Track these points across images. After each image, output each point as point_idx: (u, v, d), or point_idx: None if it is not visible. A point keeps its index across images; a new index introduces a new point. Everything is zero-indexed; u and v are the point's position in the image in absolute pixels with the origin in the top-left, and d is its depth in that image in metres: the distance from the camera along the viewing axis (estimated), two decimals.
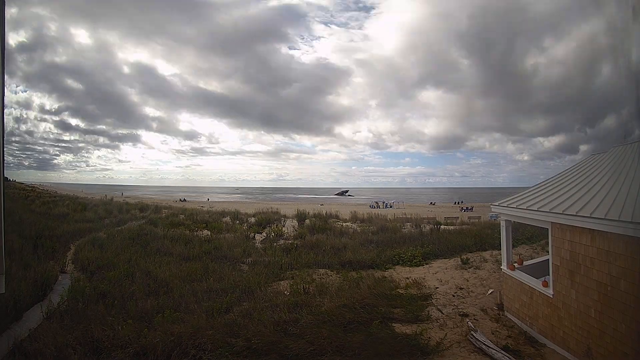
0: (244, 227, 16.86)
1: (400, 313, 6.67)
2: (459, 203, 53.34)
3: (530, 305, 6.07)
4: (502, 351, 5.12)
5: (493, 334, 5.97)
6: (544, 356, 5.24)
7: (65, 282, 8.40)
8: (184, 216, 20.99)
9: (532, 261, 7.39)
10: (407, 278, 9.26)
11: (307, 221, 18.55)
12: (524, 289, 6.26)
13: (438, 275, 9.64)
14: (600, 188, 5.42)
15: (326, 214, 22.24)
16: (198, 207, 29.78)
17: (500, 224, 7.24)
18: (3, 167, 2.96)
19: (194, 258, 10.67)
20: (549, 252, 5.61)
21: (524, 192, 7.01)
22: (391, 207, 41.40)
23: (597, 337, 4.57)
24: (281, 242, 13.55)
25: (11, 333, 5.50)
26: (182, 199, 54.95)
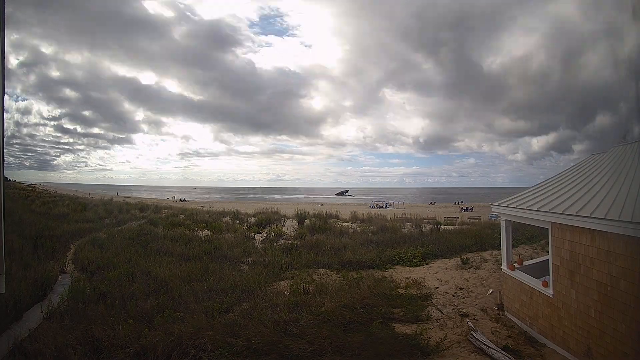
0: (244, 227, 16.87)
1: (400, 313, 6.67)
2: (458, 203, 53.36)
3: (530, 305, 6.07)
4: (502, 351, 5.12)
5: (493, 334, 5.97)
6: (544, 356, 5.24)
7: (65, 282, 8.40)
8: (184, 216, 21.00)
9: (532, 261, 7.39)
10: (407, 278, 9.27)
11: (307, 221, 18.55)
12: (524, 289, 6.27)
13: (438, 275, 9.64)
14: (600, 188, 5.42)
15: (326, 214, 22.24)
16: (198, 207, 29.79)
17: (500, 224, 7.25)
18: (3, 167, 2.96)
19: (194, 258, 10.66)
20: (549, 252, 5.61)
21: (524, 192, 7.01)
22: (387, 207, 41.31)
23: (597, 337, 4.57)
24: (281, 242, 13.55)
25: (11, 333, 5.50)
26: (182, 199, 54.97)
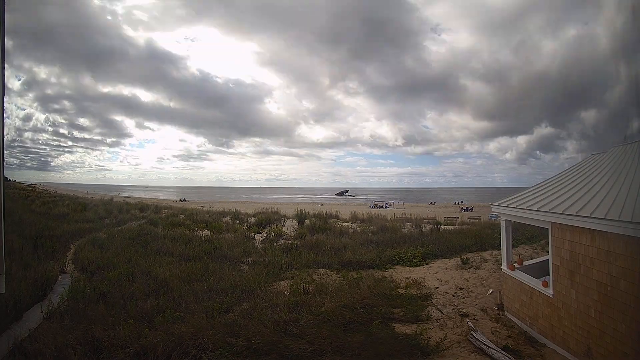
0: (244, 227, 16.87)
1: (400, 313, 6.67)
2: (459, 203, 53.38)
3: (530, 305, 6.07)
4: (502, 351, 5.12)
5: (493, 334, 5.97)
6: (544, 356, 5.24)
7: (65, 282, 8.40)
8: (184, 216, 21.00)
9: (532, 261, 7.38)
10: (407, 278, 9.27)
11: (307, 221, 18.56)
12: (524, 289, 6.27)
13: (438, 275, 9.64)
14: (600, 188, 5.42)
15: (326, 214, 22.25)
16: (198, 207, 29.79)
17: (500, 224, 7.25)
18: (3, 167, 2.96)
19: (194, 258, 10.67)
20: (549, 252, 5.61)
21: (524, 192, 7.01)
22: (387, 207, 41.28)
23: (597, 337, 4.57)
24: (281, 242, 13.55)
25: (11, 333, 5.50)
26: (182, 199, 54.96)
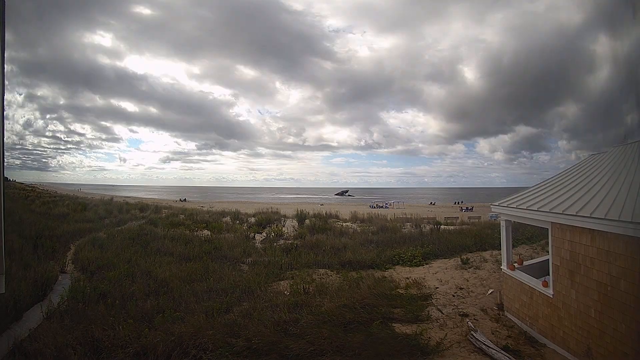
0: (244, 227, 16.87)
1: (400, 313, 6.67)
2: (459, 203, 53.41)
3: (530, 305, 6.07)
4: (502, 351, 5.12)
5: (493, 334, 5.97)
6: (544, 356, 5.24)
7: (65, 282, 8.40)
8: (184, 216, 21.00)
9: (532, 261, 7.38)
10: (407, 278, 9.27)
11: (307, 221, 18.56)
12: (524, 289, 6.27)
13: (438, 275, 9.64)
14: (600, 188, 5.42)
15: (326, 214, 22.25)
16: (198, 207, 29.79)
17: (500, 224, 7.25)
18: (3, 167, 2.96)
19: (194, 258, 10.66)
20: (549, 252, 5.61)
21: (524, 192, 7.01)
22: (387, 207, 41.26)
23: (597, 337, 4.58)
24: (281, 242, 13.55)
25: (11, 333, 5.50)
26: (182, 199, 54.95)
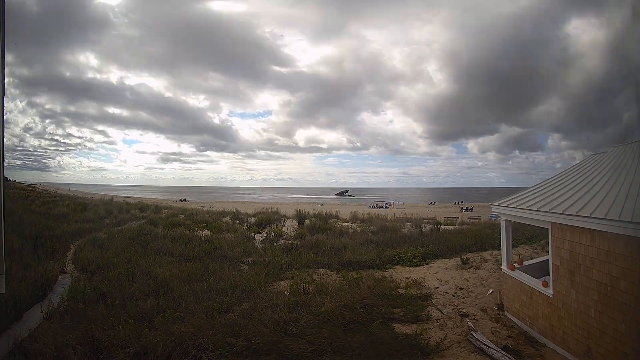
0: (244, 227, 16.87)
1: (400, 313, 6.67)
2: (458, 203, 53.45)
3: (530, 305, 6.07)
4: (502, 351, 5.12)
5: (493, 334, 5.97)
6: (544, 356, 5.24)
7: (65, 282, 8.40)
8: (184, 216, 20.99)
9: (532, 261, 7.39)
10: (407, 278, 9.26)
11: (307, 221, 18.55)
12: (524, 289, 6.27)
13: (438, 275, 9.64)
14: (600, 188, 5.42)
15: (326, 214, 22.24)
16: (198, 207, 29.79)
17: (500, 224, 7.25)
18: (3, 167, 2.96)
19: (194, 258, 10.66)
20: (549, 252, 5.61)
21: (524, 192, 7.01)
22: (387, 207, 41.24)
23: (597, 337, 4.58)
24: (281, 242, 13.55)
25: (11, 333, 5.50)
26: (182, 199, 54.93)
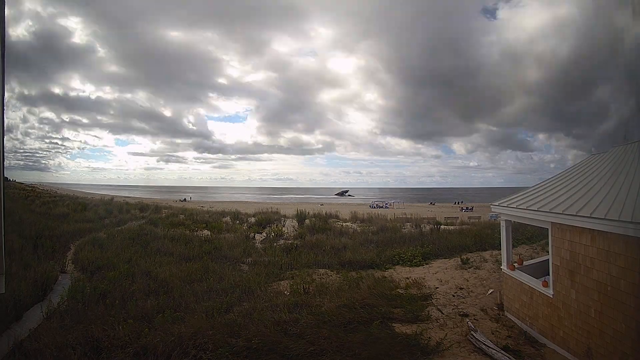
0: (244, 227, 16.88)
1: (400, 313, 6.67)
2: (459, 203, 53.46)
3: (530, 305, 6.07)
4: (502, 351, 5.12)
5: (493, 334, 5.97)
6: (544, 356, 5.24)
7: (65, 282, 8.41)
8: (184, 216, 21.00)
9: (532, 261, 7.38)
10: (407, 278, 9.26)
11: (307, 221, 18.56)
12: (524, 289, 6.27)
13: (438, 275, 9.64)
14: (600, 188, 5.41)
15: (326, 214, 22.25)
16: (198, 207, 29.80)
17: (500, 224, 7.25)
18: (3, 167, 2.96)
19: (194, 258, 10.67)
20: (549, 252, 5.61)
21: (524, 192, 7.01)
22: (387, 207, 41.24)
23: (597, 337, 4.57)
24: (281, 242, 13.56)
25: (11, 333, 5.50)
26: (182, 199, 54.91)
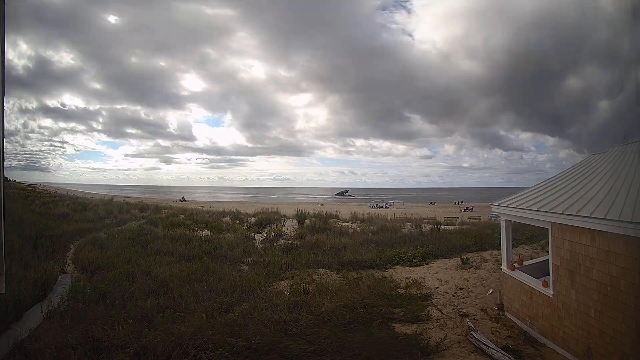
0: (244, 227, 16.87)
1: (400, 313, 6.67)
2: (459, 203, 53.49)
3: (530, 305, 6.07)
4: (502, 351, 5.12)
5: (493, 334, 5.97)
6: (544, 356, 5.24)
7: (65, 282, 8.41)
8: (184, 216, 21.00)
9: (532, 261, 7.38)
10: (407, 278, 9.26)
11: (307, 221, 18.56)
12: (524, 289, 6.27)
13: (438, 275, 9.64)
14: (600, 188, 5.41)
15: (326, 214, 22.25)
16: (198, 207, 29.80)
17: (500, 224, 7.25)
18: (3, 167, 2.96)
19: (194, 258, 10.67)
20: (549, 252, 5.61)
21: (524, 192, 7.01)
22: (387, 207, 41.24)
23: (597, 337, 4.58)
24: (281, 242, 13.56)
25: (11, 333, 5.51)
26: (182, 199, 54.91)
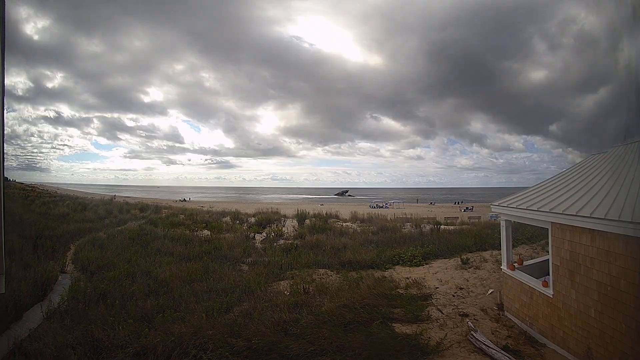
0: (244, 227, 16.87)
1: (400, 313, 6.67)
2: (459, 203, 53.51)
3: (530, 305, 6.07)
4: (502, 351, 5.12)
5: (493, 334, 5.97)
6: (544, 356, 5.24)
7: (65, 282, 8.41)
8: (184, 216, 21.00)
9: (532, 261, 7.39)
10: (407, 278, 9.27)
11: (307, 221, 18.56)
12: (524, 289, 6.27)
13: (438, 275, 9.64)
14: (600, 188, 5.41)
15: (326, 214, 22.25)
16: (198, 207, 29.81)
17: (500, 224, 7.25)
18: (3, 167, 2.96)
19: (194, 258, 10.67)
20: (549, 252, 5.61)
21: (524, 192, 7.01)
22: (387, 207, 41.25)
23: (597, 337, 4.58)
24: (281, 242, 13.55)
25: (11, 333, 5.51)
26: (182, 199, 54.92)
